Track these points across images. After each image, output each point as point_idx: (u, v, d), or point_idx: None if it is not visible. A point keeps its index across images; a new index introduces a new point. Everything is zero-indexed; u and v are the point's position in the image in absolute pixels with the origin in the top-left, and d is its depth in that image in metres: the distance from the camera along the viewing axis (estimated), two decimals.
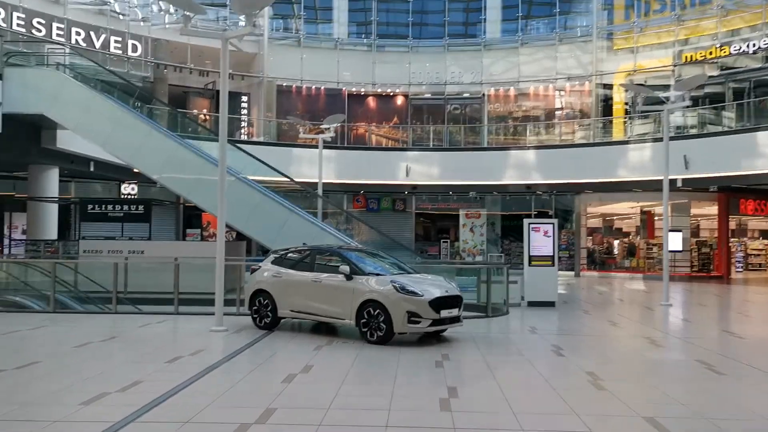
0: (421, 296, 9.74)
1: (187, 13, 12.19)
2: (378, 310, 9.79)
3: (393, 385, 7.33)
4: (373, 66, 32.81)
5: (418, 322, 9.73)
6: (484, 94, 32.33)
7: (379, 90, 33.18)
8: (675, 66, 27.84)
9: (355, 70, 32.83)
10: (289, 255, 11.55)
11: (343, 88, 32.77)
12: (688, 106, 19.05)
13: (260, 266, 11.57)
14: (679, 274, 27.60)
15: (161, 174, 17.67)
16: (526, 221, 15.69)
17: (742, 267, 32.67)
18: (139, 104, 21.23)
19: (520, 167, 28.70)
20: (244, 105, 31.90)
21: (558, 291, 16.22)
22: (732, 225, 29.97)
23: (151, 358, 8.78)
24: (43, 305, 14.50)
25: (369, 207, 32.03)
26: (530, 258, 15.45)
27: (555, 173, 27.78)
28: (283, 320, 11.45)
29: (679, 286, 23.97)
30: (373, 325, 9.86)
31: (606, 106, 30.59)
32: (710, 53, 26.74)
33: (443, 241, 31.71)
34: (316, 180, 28.07)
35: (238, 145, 26.60)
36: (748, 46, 25.73)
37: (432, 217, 32.89)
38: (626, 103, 30.07)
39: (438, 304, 9.81)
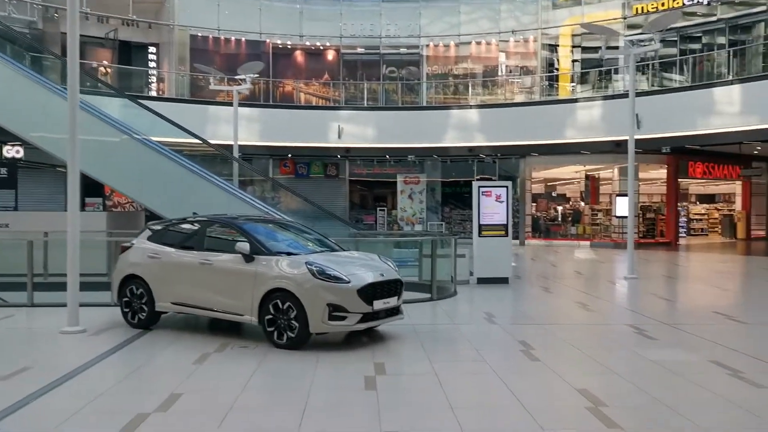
0: (347, 282, 7.17)
1: None
2: (288, 303, 7.15)
3: (299, 423, 4.77)
4: (300, 17, 29.62)
5: (343, 318, 7.15)
6: (422, 50, 29.67)
7: (307, 43, 30.03)
8: (625, 18, 25.86)
9: (281, 21, 29.53)
10: (172, 229, 8.72)
11: (267, 40, 29.48)
12: (657, 51, 16.94)
13: (132, 244, 8.69)
14: (626, 240, 25.97)
15: (31, 133, 14.33)
16: (475, 184, 13.25)
17: (685, 232, 31.59)
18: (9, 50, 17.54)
19: (461, 128, 26.36)
20: (153, 57, 28.20)
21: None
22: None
23: None
24: None
25: (298, 173, 29.12)
26: (480, 227, 13.06)
27: (499, 135, 25.58)
28: (165, 315, 8.68)
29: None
30: (282, 322, 7.22)
31: (552, 62, 28.50)
32: (662, 4, 24.83)
33: (380, 210, 29.20)
34: (238, 142, 25.10)
35: (143, 101, 23.41)
36: None
37: (368, 184, 30.26)
38: (575, 60, 28.05)
39: (370, 292, 7.26)
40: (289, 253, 7.65)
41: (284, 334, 7.22)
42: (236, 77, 19.37)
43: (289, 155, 28.22)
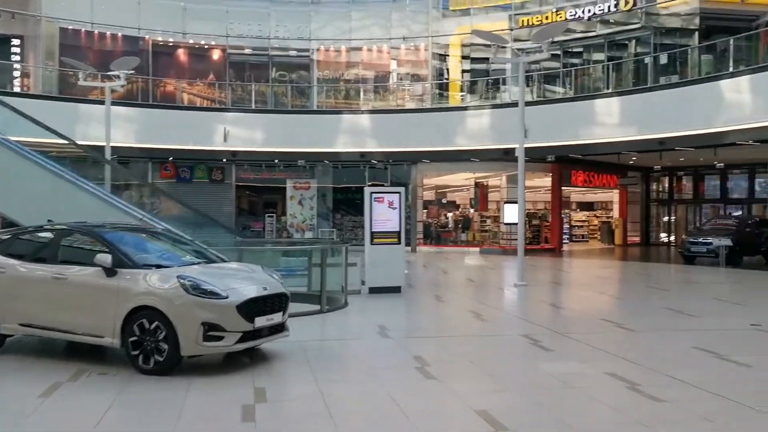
0: (225, 298, 6.37)
1: None
2: (156, 322, 6.25)
3: None
4: (183, 12, 28.16)
5: (220, 338, 6.34)
6: (313, 54, 29.04)
7: (191, 41, 28.59)
8: (512, 30, 26.46)
9: (162, 17, 27.93)
10: (22, 239, 7.55)
11: (147, 37, 27.79)
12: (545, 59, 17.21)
13: None
14: (515, 247, 26.48)
15: None
16: (367, 190, 12.75)
17: (567, 239, 32.81)
18: None
19: (353, 133, 25.92)
20: (17, 50, 25.74)
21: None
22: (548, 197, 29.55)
23: None
24: None
25: (180, 177, 27.54)
26: (372, 235, 12.57)
27: (391, 140, 25.37)
28: (12, 338, 7.48)
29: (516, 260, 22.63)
30: (149, 345, 6.30)
31: (442, 70, 28.74)
32: (546, 18, 25.61)
33: (269, 216, 28.18)
34: (112, 144, 23.30)
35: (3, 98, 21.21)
36: (583, 11, 24.90)
37: (256, 189, 29.12)
38: (464, 70, 28.43)
39: (252, 308, 6.49)
40: (159, 266, 6.73)
41: (151, 357, 6.30)
42: (109, 73, 17.79)
43: (171, 158, 26.63)
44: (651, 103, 20.57)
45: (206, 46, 28.92)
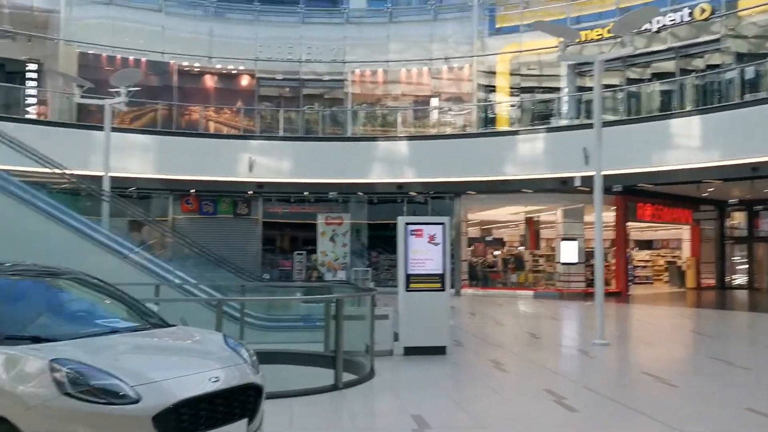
0: (133, 402, 3.56)
1: None
2: None
3: None
4: (210, 36, 26.28)
5: None
6: (347, 77, 26.78)
7: (218, 66, 26.67)
8: (567, 46, 23.63)
9: (188, 40, 26.12)
10: None
11: (171, 62, 25.94)
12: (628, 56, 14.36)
13: None
14: (574, 290, 23.33)
15: None
16: (401, 220, 9.96)
17: (630, 281, 29.31)
18: None
19: (389, 162, 23.32)
20: (34, 76, 24.07)
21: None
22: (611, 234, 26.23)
23: None
24: None
25: (203, 211, 25.27)
26: (408, 278, 9.74)
27: (431, 170, 22.65)
28: None
29: (579, 306, 19.47)
30: None
31: (489, 92, 26.09)
32: (608, 32, 22.75)
33: (298, 254, 25.59)
34: (127, 174, 21.28)
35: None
36: (651, 23, 21.96)
37: (284, 225, 26.64)
38: (513, 89, 25.72)
39: (187, 417, 3.68)
40: (37, 339, 3.96)
41: None
42: (114, 89, 15.58)
43: (193, 190, 24.40)
44: (739, 121, 17.44)
45: (234, 72, 27.00)
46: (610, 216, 24.77)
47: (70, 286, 4.84)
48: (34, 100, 24.22)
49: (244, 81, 27.10)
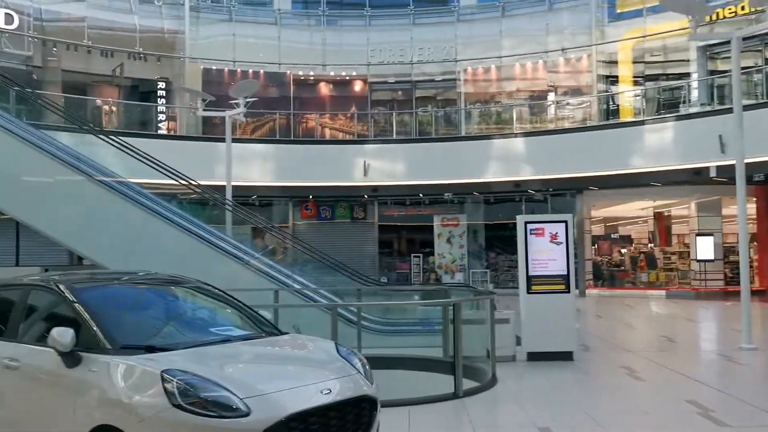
0: (244, 414, 3.43)
1: None
2: None
3: None
4: (323, 44, 26.80)
5: None
6: (459, 75, 26.37)
7: (332, 74, 27.14)
8: (698, 26, 21.93)
9: (302, 51, 26.80)
10: None
11: (287, 72, 26.70)
12: None
13: None
14: (712, 289, 21.59)
15: None
16: (520, 219, 9.49)
17: None
18: None
19: (505, 160, 22.66)
20: (163, 94, 25.59)
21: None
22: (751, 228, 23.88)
23: None
24: None
25: (321, 216, 25.80)
26: (529, 280, 9.26)
27: (550, 166, 21.71)
28: None
29: (718, 306, 17.93)
30: None
31: (610, 81, 24.75)
32: (742, 8, 20.88)
33: (415, 257, 25.49)
34: (249, 183, 22.10)
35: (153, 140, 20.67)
36: None
37: (401, 228, 26.64)
38: (636, 79, 24.23)
39: (296, 430, 3.51)
40: (151, 348, 3.93)
41: None
42: (234, 101, 16.15)
43: (311, 197, 24.96)
44: None
45: (347, 78, 27.36)
46: (750, 208, 22.74)
47: (187, 295, 4.88)
48: (163, 117, 25.73)
49: (357, 86, 27.39)
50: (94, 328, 3.97)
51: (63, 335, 3.85)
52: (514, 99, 25.80)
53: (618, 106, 24.09)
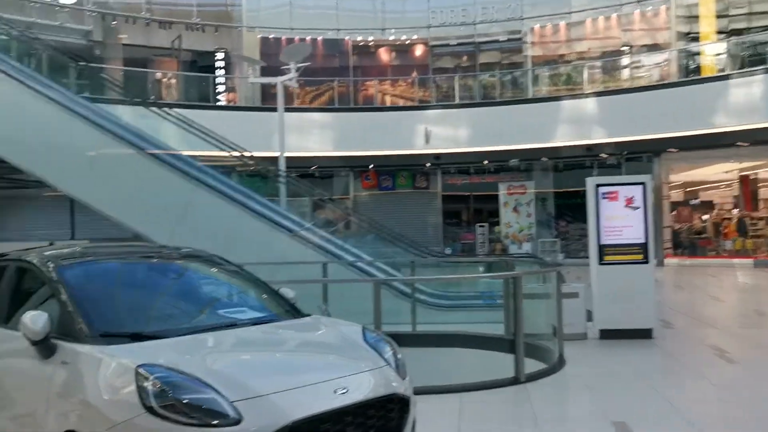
0: (231, 421, 2.74)
1: None
2: None
3: None
4: (382, 8, 25.88)
5: None
6: (525, 35, 24.98)
7: (391, 38, 26.24)
8: None
9: (361, 17, 25.97)
10: None
11: (346, 38, 25.99)
12: None
13: None
14: None
15: None
16: (590, 181, 8.52)
17: None
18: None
19: (576, 123, 21.34)
20: (221, 64, 25.35)
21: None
22: None
23: None
24: None
25: (382, 186, 25.19)
26: (601, 249, 8.32)
27: (624, 128, 20.25)
28: None
29: None
30: None
31: (689, 34, 22.87)
32: None
33: (480, 227, 24.57)
34: (308, 153, 21.69)
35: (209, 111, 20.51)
36: None
37: (465, 197, 25.73)
38: (720, 32, 22.27)
39: None
40: (138, 336, 3.26)
41: None
42: (283, 67, 15.58)
43: (371, 166, 24.33)
44: None
45: (407, 42, 26.41)
46: None
47: (197, 272, 4.26)
48: (222, 88, 25.54)
49: (418, 51, 26.43)
50: (72, 311, 3.35)
51: (35, 321, 3.20)
52: (585, 57, 24.26)
53: (698, 64, 22.24)
